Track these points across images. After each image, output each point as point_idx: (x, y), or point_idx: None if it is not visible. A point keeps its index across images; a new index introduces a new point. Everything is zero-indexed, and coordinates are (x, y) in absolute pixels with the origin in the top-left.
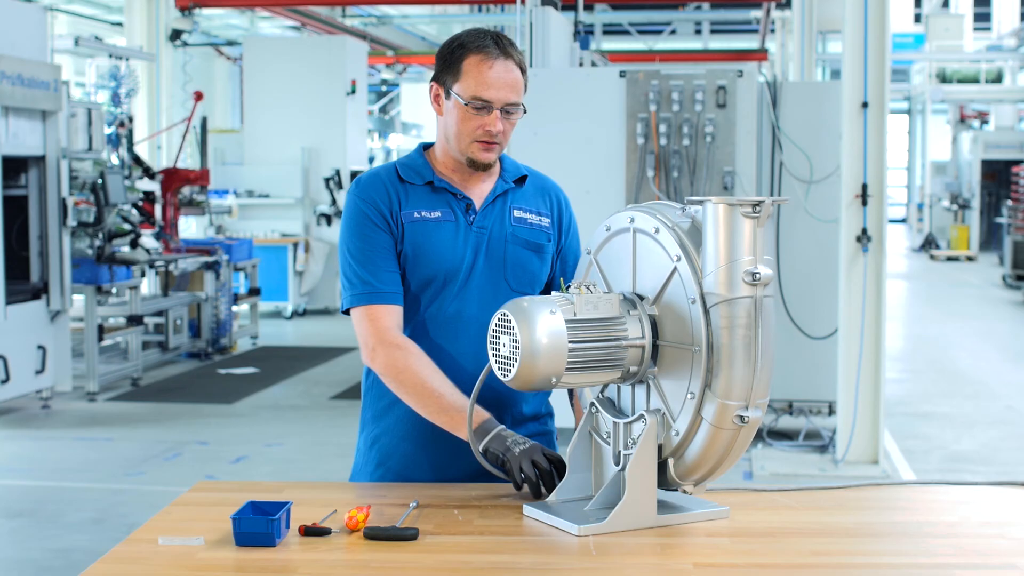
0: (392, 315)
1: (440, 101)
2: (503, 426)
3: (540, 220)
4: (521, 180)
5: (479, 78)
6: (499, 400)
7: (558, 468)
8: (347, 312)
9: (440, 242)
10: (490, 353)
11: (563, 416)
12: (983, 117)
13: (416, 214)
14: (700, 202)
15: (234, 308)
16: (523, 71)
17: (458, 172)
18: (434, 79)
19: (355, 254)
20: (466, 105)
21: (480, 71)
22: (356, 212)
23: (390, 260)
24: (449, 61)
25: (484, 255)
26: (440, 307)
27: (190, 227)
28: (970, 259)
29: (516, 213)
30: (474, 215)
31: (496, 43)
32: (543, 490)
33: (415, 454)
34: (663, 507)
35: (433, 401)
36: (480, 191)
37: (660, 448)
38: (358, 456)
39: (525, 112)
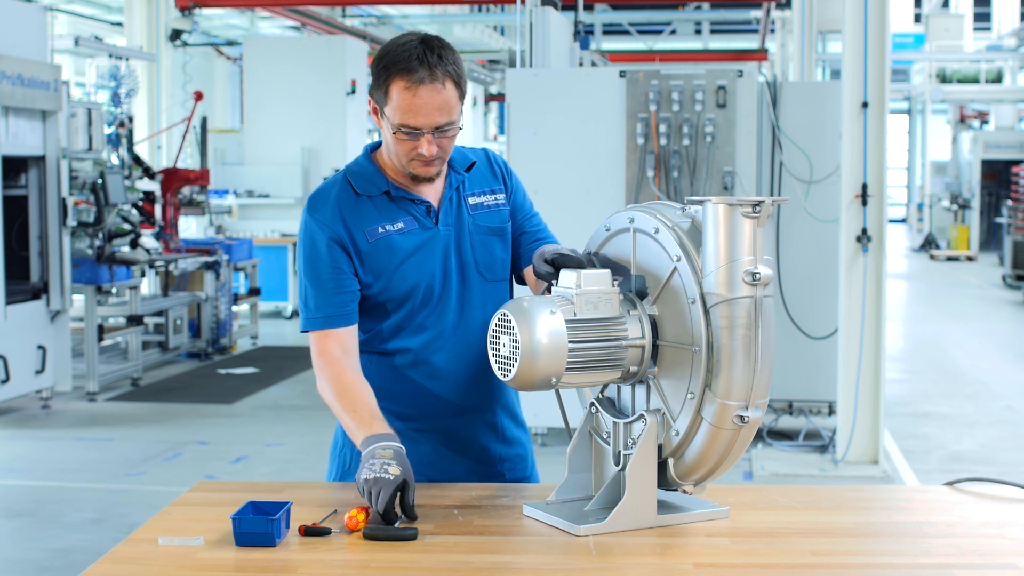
0: (339, 339)
1: (378, 115)
2: (378, 445)
3: (496, 198)
4: (471, 167)
5: (404, 106)
6: (493, 400)
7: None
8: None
9: (411, 255)
10: (490, 353)
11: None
12: (983, 117)
13: (380, 229)
14: (700, 202)
15: (234, 308)
16: (457, 81)
17: (409, 176)
18: (370, 93)
19: (308, 275)
20: (394, 134)
21: (404, 99)
22: (307, 233)
23: (341, 280)
24: (378, 80)
25: (455, 255)
26: (422, 318)
27: (190, 227)
28: (970, 259)
29: (471, 200)
30: (435, 215)
31: (422, 61)
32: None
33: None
34: (663, 507)
35: (340, 415)
36: (435, 188)
37: (660, 448)
38: (336, 450)
39: (462, 128)
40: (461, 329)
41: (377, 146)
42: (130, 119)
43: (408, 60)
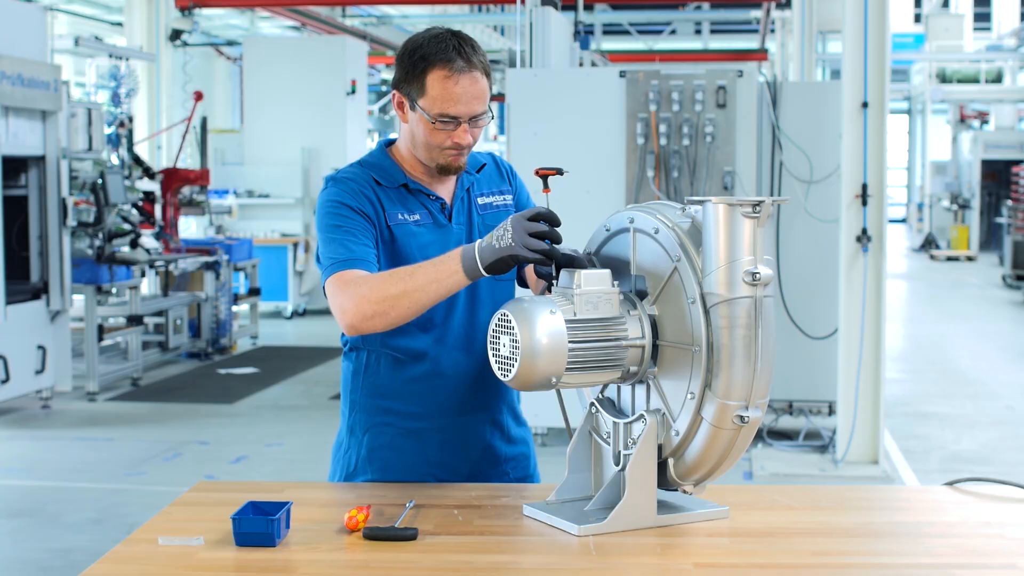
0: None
1: (404, 109)
2: (474, 243)
3: (504, 199)
4: (481, 168)
5: (445, 95)
6: (499, 399)
7: (546, 219)
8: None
9: (426, 247)
10: (490, 353)
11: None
12: (983, 117)
13: (400, 216)
14: (700, 202)
15: (234, 308)
16: (487, 73)
17: (427, 173)
18: (395, 86)
19: (331, 232)
20: (433, 123)
21: (445, 87)
22: (333, 202)
23: (367, 238)
24: (411, 73)
25: None
26: (429, 315)
27: (190, 227)
28: (970, 259)
29: (480, 201)
30: (450, 213)
31: (459, 52)
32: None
33: (405, 446)
34: (663, 507)
35: (410, 277)
36: (447, 187)
37: (660, 448)
38: (341, 452)
39: (492, 119)
40: (469, 327)
41: (391, 142)
42: (130, 119)
43: (446, 51)
